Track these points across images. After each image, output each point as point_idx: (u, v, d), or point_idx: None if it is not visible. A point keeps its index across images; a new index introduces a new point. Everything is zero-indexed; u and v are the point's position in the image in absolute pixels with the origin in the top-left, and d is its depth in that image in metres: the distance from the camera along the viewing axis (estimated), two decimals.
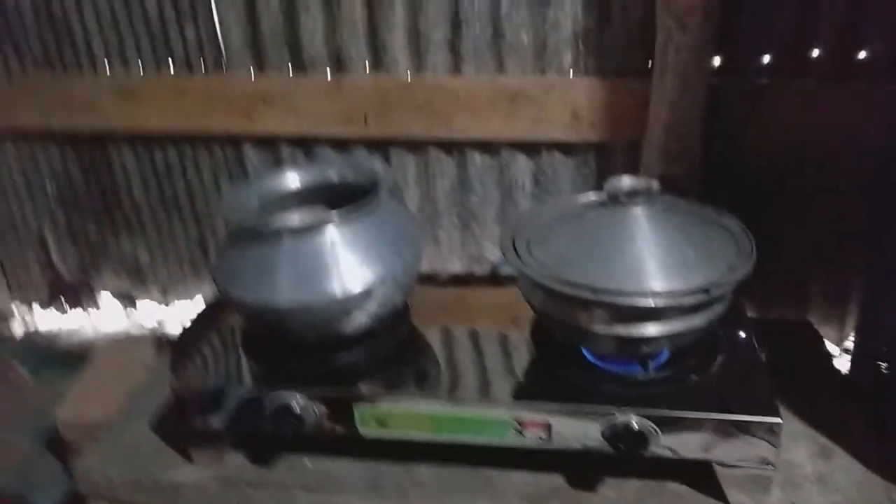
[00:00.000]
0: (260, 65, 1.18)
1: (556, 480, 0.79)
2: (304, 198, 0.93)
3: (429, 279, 1.05)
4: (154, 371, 1.06)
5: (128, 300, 1.48)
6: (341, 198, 0.87)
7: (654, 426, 0.72)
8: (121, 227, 1.39)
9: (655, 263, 0.72)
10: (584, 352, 0.81)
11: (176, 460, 0.87)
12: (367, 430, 0.79)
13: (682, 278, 0.70)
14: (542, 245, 0.79)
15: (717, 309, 0.74)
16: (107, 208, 1.37)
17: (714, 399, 0.73)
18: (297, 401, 0.79)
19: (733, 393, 0.74)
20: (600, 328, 0.73)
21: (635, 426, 0.72)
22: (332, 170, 0.93)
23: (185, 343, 0.95)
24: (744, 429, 0.70)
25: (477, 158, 1.16)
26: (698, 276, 0.71)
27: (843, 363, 1.11)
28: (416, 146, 1.17)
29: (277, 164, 1.23)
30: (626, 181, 0.78)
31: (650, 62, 1.01)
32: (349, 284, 0.78)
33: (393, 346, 0.88)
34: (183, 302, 1.45)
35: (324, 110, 1.16)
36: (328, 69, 1.15)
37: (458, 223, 1.22)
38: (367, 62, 1.14)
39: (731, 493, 0.74)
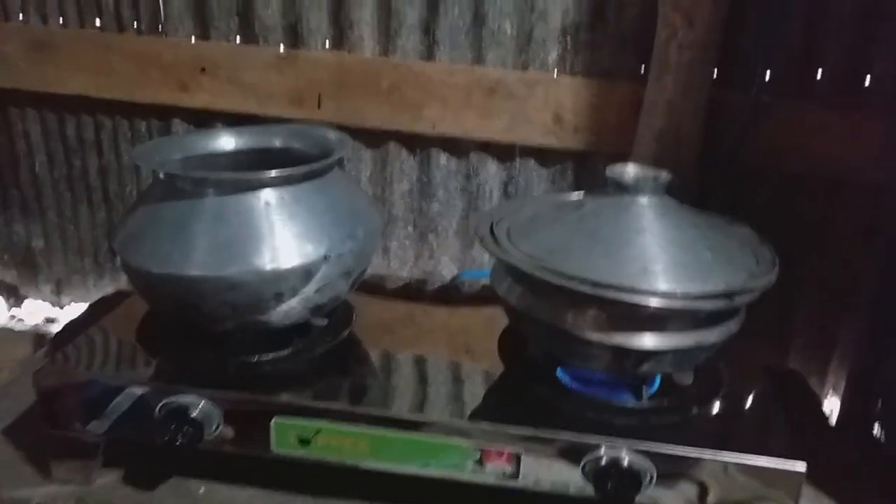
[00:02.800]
0: (203, 31, 1.03)
1: None
2: (240, 165, 0.77)
3: (371, 289, 0.88)
4: (24, 369, 0.85)
5: (12, 295, 1.26)
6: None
7: (651, 464, 0.57)
8: (14, 206, 1.18)
9: (666, 261, 0.58)
10: (562, 375, 0.67)
11: (30, 475, 0.67)
12: (285, 449, 0.62)
13: (699, 280, 0.57)
14: (527, 236, 0.65)
15: (732, 325, 0.61)
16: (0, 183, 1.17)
17: (724, 437, 0.60)
18: (197, 404, 0.62)
19: (747, 432, 0.61)
20: (594, 335, 0.58)
21: (626, 463, 0.57)
22: (276, 135, 0.78)
23: (66, 336, 0.76)
24: (763, 475, 0.57)
25: (442, 160, 1.03)
26: (717, 279, 0.58)
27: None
28: (374, 139, 1.03)
29: None
30: (631, 168, 0.66)
31: (644, 66, 0.92)
32: (283, 258, 0.62)
33: (330, 352, 0.71)
34: (80, 305, 1.24)
35: (272, 86, 1.01)
36: (281, 43, 1.01)
37: (414, 233, 1.07)
38: (327, 39, 1.00)
39: None
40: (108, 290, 1.17)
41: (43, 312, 1.25)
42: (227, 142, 0.77)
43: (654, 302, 0.55)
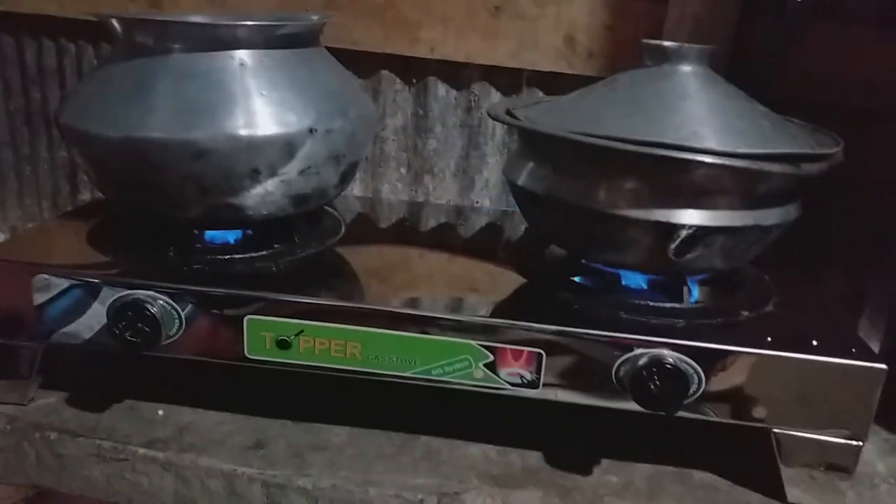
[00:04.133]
0: None
1: (532, 457, 0.53)
2: None
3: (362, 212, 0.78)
4: None
5: None
6: None
7: (698, 367, 0.48)
8: None
9: (718, 126, 0.49)
10: (586, 281, 0.57)
11: None
12: (259, 354, 0.52)
13: (757, 145, 0.48)
14: (551, 113, 0.55)
15: (791, 209, 0.52)
16: None
17: (784, 337, 0.50)
18: (155, 300, 0.51)
19: (808, 333, 0.51)
20: (634, 212, 0.49)
21: (670, 363, 0.47)
22: (254, 19, 0.68)
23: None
24: (837, 377, 0.47)
25: (441, 90, 0.94)
26: (778, 145, 0.49)
27: None
28: (366, 65, 0.94)
29: None
30: (668, 42, 0.57)
31: None
32: (260, 124, 0.52)
33: (315, 257, 0.61)
34: None
35: (252, 1, 0.92)
36: None
37: (408, 174, 0.98)
38: None
39: (792, 489, 0.50)
40: None
41: None
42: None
43: (709, 159, 0.45)
